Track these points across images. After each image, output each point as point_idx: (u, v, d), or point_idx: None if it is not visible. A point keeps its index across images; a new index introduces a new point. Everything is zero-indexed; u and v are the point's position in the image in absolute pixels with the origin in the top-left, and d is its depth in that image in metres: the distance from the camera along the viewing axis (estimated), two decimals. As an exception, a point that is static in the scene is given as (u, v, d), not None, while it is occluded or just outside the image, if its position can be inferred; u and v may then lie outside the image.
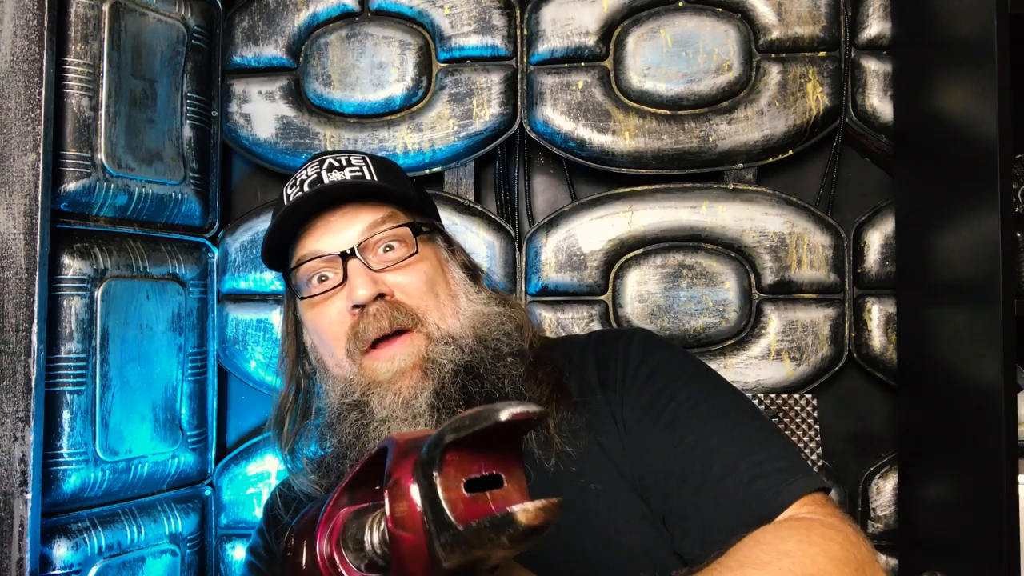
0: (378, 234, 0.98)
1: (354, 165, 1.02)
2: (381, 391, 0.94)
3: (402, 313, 0.94)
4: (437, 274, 1.01)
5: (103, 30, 1.25)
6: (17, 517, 1.10)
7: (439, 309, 0.97)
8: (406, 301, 0.96)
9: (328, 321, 0.98)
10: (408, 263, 0.98)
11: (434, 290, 0.98)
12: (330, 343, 0.98)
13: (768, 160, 1.47)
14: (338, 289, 0.97)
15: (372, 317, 0.94)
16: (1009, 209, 1.04)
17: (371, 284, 0.94)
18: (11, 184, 1.14)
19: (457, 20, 1.51)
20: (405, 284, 0.97)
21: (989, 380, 1.06)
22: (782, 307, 1.44)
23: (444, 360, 0.94)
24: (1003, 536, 1.02)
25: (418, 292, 0.97)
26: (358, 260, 0.96)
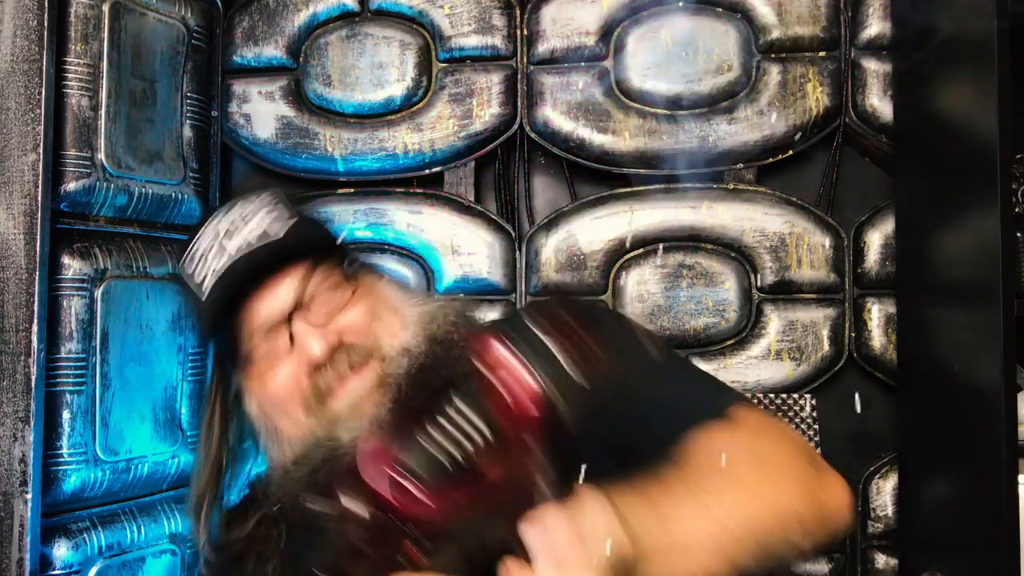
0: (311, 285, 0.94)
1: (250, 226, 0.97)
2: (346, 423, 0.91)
3: (357, 352, 0.93)
4: (376, 299, 0.99)
5: (103, 30, 1.25)
6: (17, 517, 1.10)
7: (390, 330, 0.96)
8: (358, 341, 0.94)
9: (283, 388, 0.94)
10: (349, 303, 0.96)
11: (381, 316, 0.97)
12: (287, 409, 0.94)
13: (768, 160, 1.47)
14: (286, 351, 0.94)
15: (332, 369, 0.92)
16: (1009, 209, 1.04)
17: (321, 340, 0.91)
18: (11, 184, 1.14)
19: (457, 20, 1.51)
20: (353, 325, 0.95)
21: (989, 380, 1.06)
22: (782, 307, 1.44)
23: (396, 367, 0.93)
24: (1003, 536, 1.02)
25: (367, 327, 0.95)
26: (300, 321, 0.93)
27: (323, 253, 0.98)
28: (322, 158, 1.53)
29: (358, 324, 0.95)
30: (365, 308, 0.97)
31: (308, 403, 0.92)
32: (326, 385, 0.91)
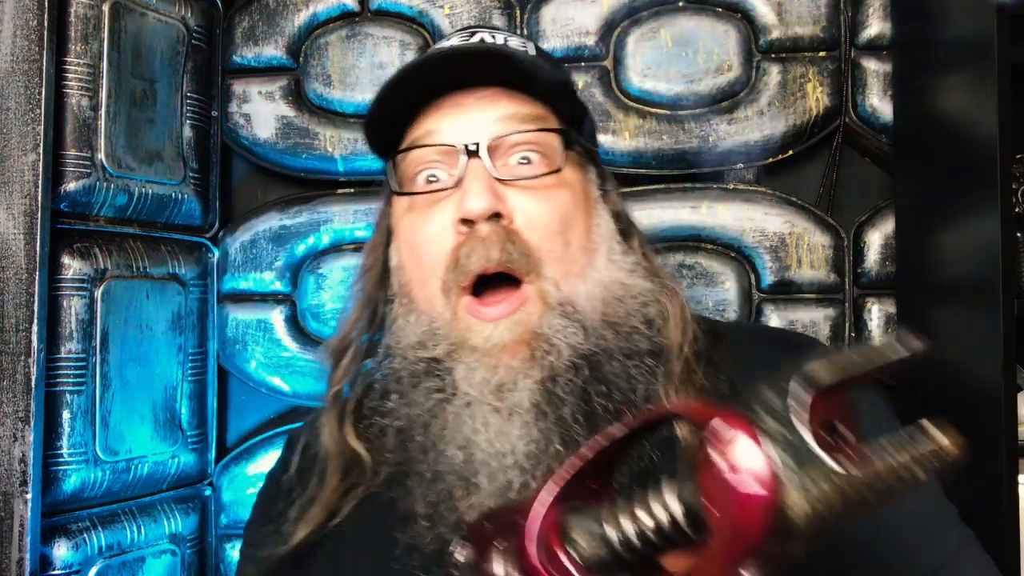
0: (517, 133, 0.74)
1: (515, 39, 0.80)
2: (471, 361, 0.72)
3: (517, 248, 0.72)
4: (576, 212, 0.76)
5: (103, 30, 1.25)
6: (17, 517, 1.10)
7: (564, 261, 0.74)
8: (525, 234, 0.73)
9: (427, 235, 0.75)
10: (544, 184, 0.74)
11: (566, 233, 0.74)
12: (425, 266, 0.76)
13: (768, 160, 1.46)
14: (448, 192, 0.74)
15: (480, 242, 0.71)
16: (1009, 209, 1.04)
17: (489, 195, 0.71)
18: (11, 184, 1.14)
19: (457, 20, 1.51)
20: (532, 211, 0.73)
21: (989, 380, 1.06)
22: (782, 307, 1.44)
23: (560, 342, 0.71)
24: (1003, 536, 1.02)
25: (545, 227, 0.73)
26: (480, 162, 0.73)
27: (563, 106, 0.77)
28: (322, 158, 1.53)
29: (538, 215, 0.73)
30: (557, 206, 0.75)
31: (447, 277, 0.74)
32: (467, 259, 0.72)
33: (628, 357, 0.73)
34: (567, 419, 0.70)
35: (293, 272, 1.54)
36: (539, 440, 0.70)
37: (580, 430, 0.70)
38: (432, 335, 0.75)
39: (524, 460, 0.69)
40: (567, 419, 0.70)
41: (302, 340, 1.52)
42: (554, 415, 0.70)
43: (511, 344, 0.72)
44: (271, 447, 1.51)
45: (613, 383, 0.72)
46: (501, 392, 0.71)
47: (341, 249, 1.53)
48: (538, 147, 0.75)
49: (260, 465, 1.50)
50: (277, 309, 1.53)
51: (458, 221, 0.73)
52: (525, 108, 0.75)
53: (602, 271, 0.76)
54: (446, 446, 0.72)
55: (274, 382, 1.52)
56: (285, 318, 1.53)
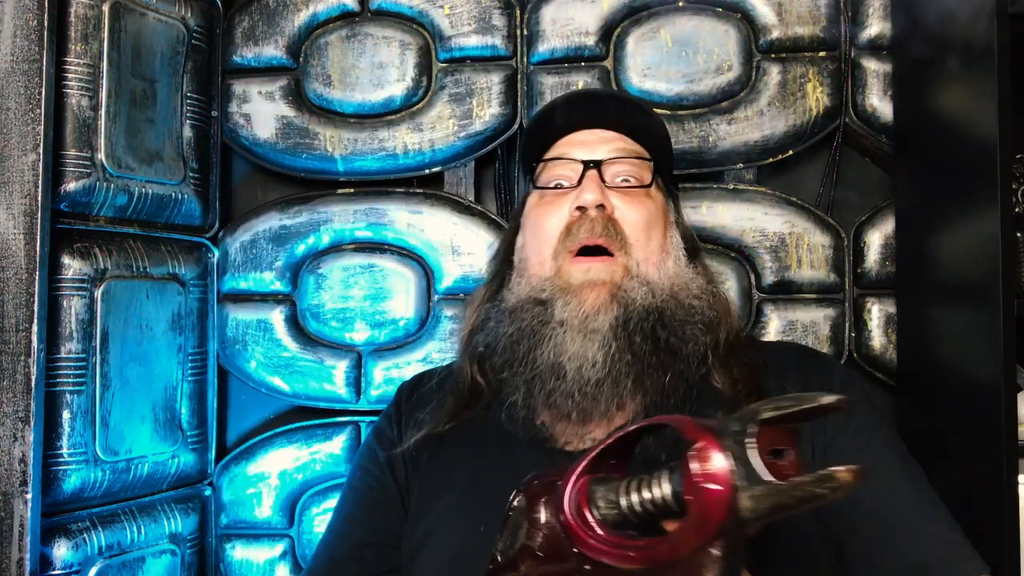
0: (621, 159, 1.03)
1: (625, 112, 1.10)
2: (568, 296, 0.96)
3: (614, 231, 0.98)
4: (657, 221, 1.02)
5: (103, 30, 1.25)
6: (17, 517, 1.10)
7: (646, 250, 0.99)
8: (621, 223, 0.99)
9: (550, 215, 1.02)
10: (637, 193, 1.02)
11: (649, 232, 1.00)
12: (543, 237, 1.01)
13: (768, 160, 1.47)
14: (569, 190, 1.02)
15: (589, 221, 0.97)
16: (1009, 209, 1.04)
17: (599, 192, 0.98)
18: (11, 184, 1.14)
19: (457, 20, 1.51)
20: (627, 210, 1.00)
21: (989, 380, 1.06)
22: (782, 307, 1.44)
23: (635, 295, 0.95)
24: (1003, 536, 1.02)
25: (634, 221, 1.00)
26: (595, 172, 1.01)
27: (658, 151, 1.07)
28: (322, 158, 1.53)
29: (631, 212, 1.00)
30: (644, 211, 1.01)
31: (558, 246, 0.99)
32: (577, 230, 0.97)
33: (686, 321, 0.97)
34: (636, 343, 0.93)
35: (293, 272, 1.54)
36: (613, 352, 0.93)
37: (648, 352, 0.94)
38: (540, 285, 0.99)
39: (601, 365, 0.93)
40: (636, 343, 0.93)
41: (302, 340, 1.52)
42: (626, 339, 0.93)
43: (598, 284, 0.95)
44: (271, 447, 1.51)
45: (674, 330, 0.96)
46: (587, 321, 0.94)
47: (341, 249, 1.53)
48: (635, 172, 1.03)
49: (260, 465, 1.51)
50: (277, 309, 1.53)
51: (575, 208, 0.99)
52: (630, 146, 1.05)
53: (671, 269, 1.01)
54: (543, 349, 0.95)
55: (274, 382, 1.52)
56: (285, 318, 1.53)
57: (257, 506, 1.50)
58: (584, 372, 0.93)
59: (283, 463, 1.50)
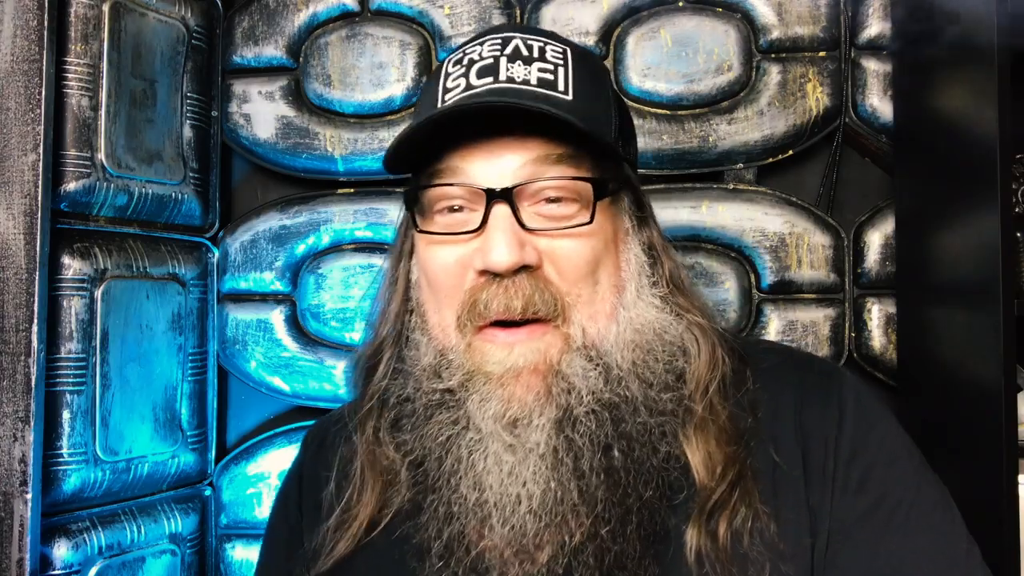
0: (546, 180, 0.71)
1: (547, 62, 0.73)
2: (485, 390, 0.71)
3: (545, 298, 0.70)
4: (607, 252, 0.74)
5: (103, 30, 1.25)
6: (17, 517, 1.10)
7: (592, 303, 0.72)
8: (555, 280, 0.71)
9: (443, 271, 0.74)
10: (574, 233, 0.72)
11: (595, 274, 0.73)
12: (442, 299, 0.75)
13: (768, 160, 1.46)
14: (469, 236, 0.72)
15: (503, 291, 0.70)
16: (1009, 209, 1.04)
17: (515, 248, 0.69)
18: (11, 184, 1.14)
19: (457, 20, 1.51)
20: (562, 257, 0.71)
21: (989, 380, 1.06)
22: (782, 307, 1.44)
23: (579, 384, 0.70)
24: (1003, 536, 1.02)
25: (575, 272, 0.72)
26: (507, 208, 0.70)
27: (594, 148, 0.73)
28: (322, 158, 1.53)
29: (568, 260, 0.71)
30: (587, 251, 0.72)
31: (461, 314, 0.72)
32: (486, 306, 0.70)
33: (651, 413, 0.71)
34: (585, 471, 0.68)
35: (293, 272, 1.54)
36: (556, 489, 0.69)
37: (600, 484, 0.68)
38: (446, 364, 0.74)
39: (539, 508, 0.68)
40: (585, 471, 0.68)
41: (302, 340, 1.52)
42: (572, 464, 0.69)
43: (526, 374, 0.70)
44: (271, 447, 1.51)
45: (635, 440, 0.70)
46: (515, 428, 0.70)
47: (341, 249, 1.53)
48: (568, 191, 0.73)
49: (260, 465, 1.51)
50: (277, 309, 1.53)
51: (478, 271, 0.71)
52: (557, 149, 0.72)
53: (631, 310, 0.75)
54: (459, 483, 0.71)
55: (274, 382, 1.52)
56: (285, 318, 1.53)
57: (257, 506, 1.50)
58: (516, 521, 0.69)
59: (283, 463, 1.50)
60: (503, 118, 0.71)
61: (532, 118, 0.70)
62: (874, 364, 1.43)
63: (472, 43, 0.78)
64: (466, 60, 0.75)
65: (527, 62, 0.73)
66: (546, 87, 0.72)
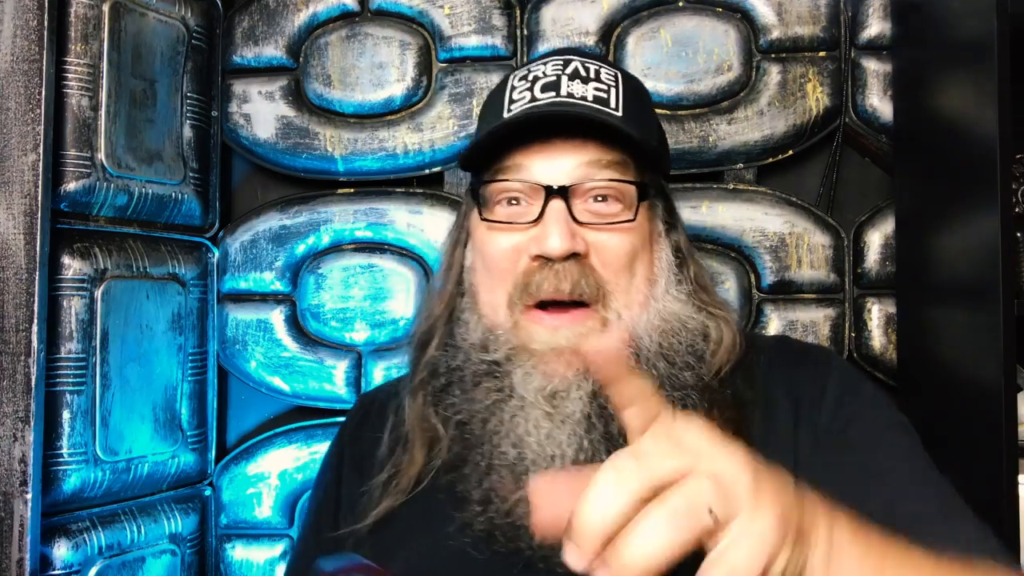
0: (598, 181, 0.81)
1: (602, 82, 0.84)
2: (528, 365, 0.79)
3: (590, 282, 0.79)
4: (643, 249, 0.84)
5: (103, 30, 1.25)
6: (17, 517, 1.10)
7: (629, 291, 0.82)
8: (599, 269, 0.80)
9: (500, 254, 0.83)
10: (618, 227, 0.81)
11: (632, 267, 0.82)
12: (493, 280, 0.83)
13: (768, 160, 1.46)
14: (527, 226, 0.81)
15: (554, 274, 0.79)
16: (1009, 209, 1.04)
17: (568, 237, 0.78)
18: (11, 184, 1.14)
19: (457, 20, 1.51)
20: (606, 249, 0.81)
21: (989, 380, 1.06)
22: (782, 307, 1.44)
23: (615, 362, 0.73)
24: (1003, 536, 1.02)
25: (616, 263, 0.81)
26: (563, 203, 0.79)
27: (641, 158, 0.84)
28: (322, 158, 1.53)
29: (611, 252, 0.81)
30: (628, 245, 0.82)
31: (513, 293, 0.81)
32: (538, 287, 0.79)
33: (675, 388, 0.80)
34: (614, 434, 0.76)
35: (293, 272, 1.54)
36: (587, 450, 0.76)
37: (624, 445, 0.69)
38: (494, 340, 0.82)
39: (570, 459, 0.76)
40: (614, 434, 0.76)
41: (302, 340, 1.52)
42: (602, 428, 0.76)
43: (568, 352, 0.78)
44: (271, 447, 1.51)
45: None
46: (554, 399, 0.78)
47: (341, 249, 1.53)
48: (615, 192, 0.83)
49: (260, 465, 1.51)
50: (277, 309, 1.53)
51: (534, 255, 0.80)
52: (608, 155, 0.82)
53: (661, 302, 0.84)
54: (501, 441, 0.79)
55: (274, 382, 1.52)
56: (285, 318, 1.53)
57: (257, 506, 1.50)
58: None
59: (283, 463, 1.50)
60: (562, 125, 0.82)
61: (587, 127, 0.81)
62: (874, 364, 1.43)
63: (537, 62, 0.89)
64: (531, 76, 0.86)
65: (585, 81, 0.84)
66: (600, 103, 0.83)
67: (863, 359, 1.44)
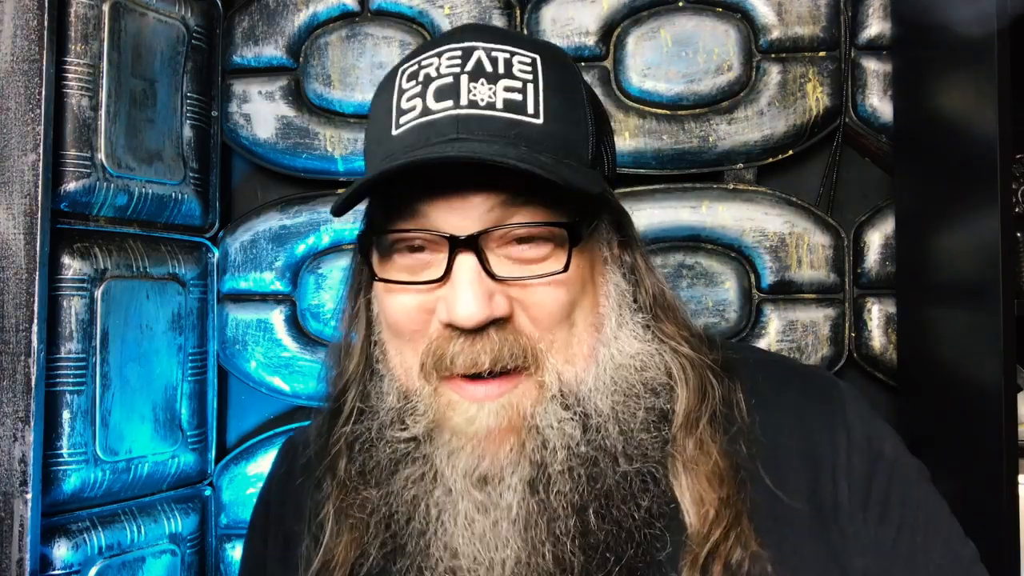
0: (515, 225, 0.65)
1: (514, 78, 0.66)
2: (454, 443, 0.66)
3: (515, 351, 0.65)
4: (584, 294, 0.68)
5: (103, 30, 1.25)
6: (17, 517, 1.10)
7: (569, 346, 0.67)
8: (527, 329, 0.66)
9: (406, 316, 0.68)
10: (548, 281, 0.66)
11: (571, 317, 0.67)
12: (402, 343, 0.70)
13: (768, 160, 1.46)
14: (433, 286, 0.66)
15: (469, 345, 0.65)
16: (1009, 209, 1.04)
17: (483, 302, 0.64)
18: (11, 184, 1.14)
19: (457, 20, 1.51)
20: (535, 306, 0.66)
21: (989, 380, 1.06)
22: (782, 307, 1.44)
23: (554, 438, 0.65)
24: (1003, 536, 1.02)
25: (549, 319, 0.66)
26: (473, 258, 0.64)
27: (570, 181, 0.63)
28: (322, 158, 1.53)
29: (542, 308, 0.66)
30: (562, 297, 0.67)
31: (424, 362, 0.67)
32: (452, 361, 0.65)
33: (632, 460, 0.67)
34: (559, 535, 0.65)
35: (293, 272, 1.54)
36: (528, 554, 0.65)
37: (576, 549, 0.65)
38: (410, 410, 0.69)
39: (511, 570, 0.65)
40: (559, 535, 0.65)
41: (302, 340, 1.52)
42: (545, 527, 0.65)
43: (497, 431, 0.65)
44: (271, 447, 1.51)
45: (614, 497, 0.66)
46: (486, 485, 0.66)
47: (341, 249, 1.53)
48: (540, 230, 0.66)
49: (260, 465, 1.50)
50: (277, 309, 1.53)
51: (443, 324, 0.66)
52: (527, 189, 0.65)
53: (612, 345, 0.69)
54: (428, 545, 0.68)
55: (274, 382, 1.52)
56: (285, 318, 1.53)
57: (257, 506, 1.50)
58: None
59: (283, 463, 1.50)
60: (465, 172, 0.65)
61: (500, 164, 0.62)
62: (874, 364, 1.43)
63: (428, 53, 0.70)
64: (422, 76, 0.68)
65: (491, 79, 0.66)
66: (514, 110, 0.65)
67: (863, 359, 1.44)
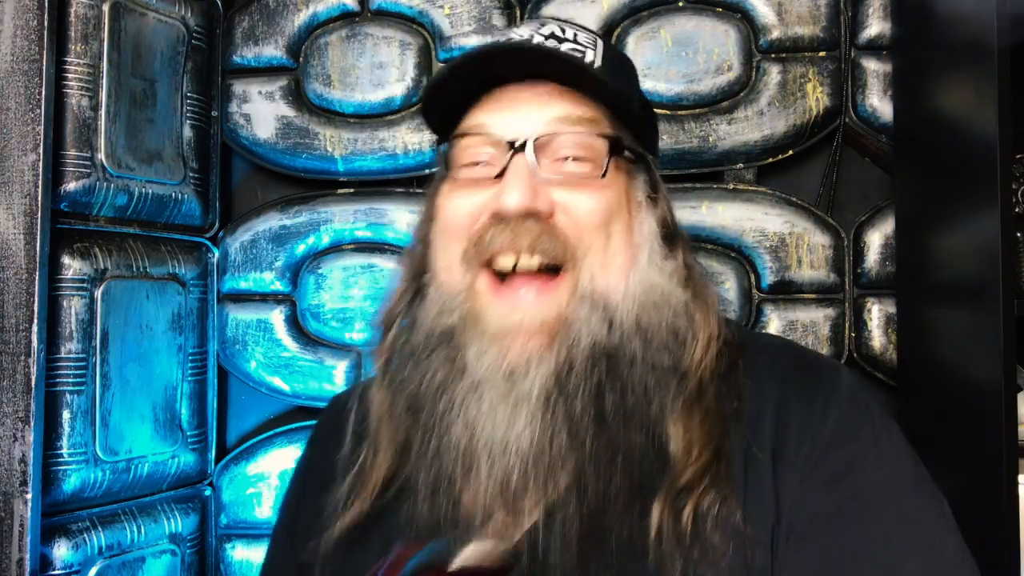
0: (566, 134, 0.74)
1: (579, 44, 0.77)
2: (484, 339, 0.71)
3: (555, 243, 0.72)
4: (619, 211, 0.75)
5: (103, 30, 1.25)
6: (17, 517, 1.10)
7: (605, 253, 0.73)
8: (566, 228, 0.73)
9: (458, 213, 0.76)
10: (587, 184, 0.74)
11: (608, 228, 0.74)
12: (448, 240, 0.77)
13: (768, 160, 1.46)
14: (489, 184, 0.75)
15: (510, 229, 0.71)
16: (1009, 209, 1.04)
17: (527, 193, 0.71)
18: (11, 184, 1.14)
19: (457, 20, 1.51)
20: (575, 205, 0.73)
21: (989, 380, 1.06)
22: (782, 307, 1.44)
23: (582, 330, 0.70)
24: (1003, 536, 1.02)
25: (586, 220, 0.73)
26: (526, 159, 0.73)
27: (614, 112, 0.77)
28: (322, 158, 1.53)
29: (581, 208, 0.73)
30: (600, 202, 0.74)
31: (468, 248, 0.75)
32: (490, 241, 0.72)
33: (650, 368, 0.72)
34: (575, 415, 0.69)
35: (293, 272, 1.54)
36: (544, 433, 0.69)
37: (589, 428, 0.69)
38: (449, 304, 0.75)
39: (527, 453, 0.69)
40: (575, 415, 0.69)
41: (302, 340, 1.52)
42: (563, 409, 0.69)
43: (530, 330, 0.71)
44: (271, 447, 1.51)
45: (629, 387, 0.71)
46: (512, 378, 0.70)
47: (341, 249, 1.53)
48: (584, 149, 0.75)
49: (260, 465, 1.50)
50: (277, 309, 1.53)
51: (491, 213, 0.73)
52: (578, 110, 0.75)
53: (643, 271, 0.75)
54: (451, 422, 0.72)
55: (274, 382, 1.52)
56: (285, 318, 1.53)
57: (257, 506, 1.50)
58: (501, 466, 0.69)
59: (283, 463, 1.50)
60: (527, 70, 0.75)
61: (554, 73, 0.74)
62: (874, 364, 1.43)
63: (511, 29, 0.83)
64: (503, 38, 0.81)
65: (559, 41, 0.77)
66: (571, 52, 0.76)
67: (863, 359, 1.44)
